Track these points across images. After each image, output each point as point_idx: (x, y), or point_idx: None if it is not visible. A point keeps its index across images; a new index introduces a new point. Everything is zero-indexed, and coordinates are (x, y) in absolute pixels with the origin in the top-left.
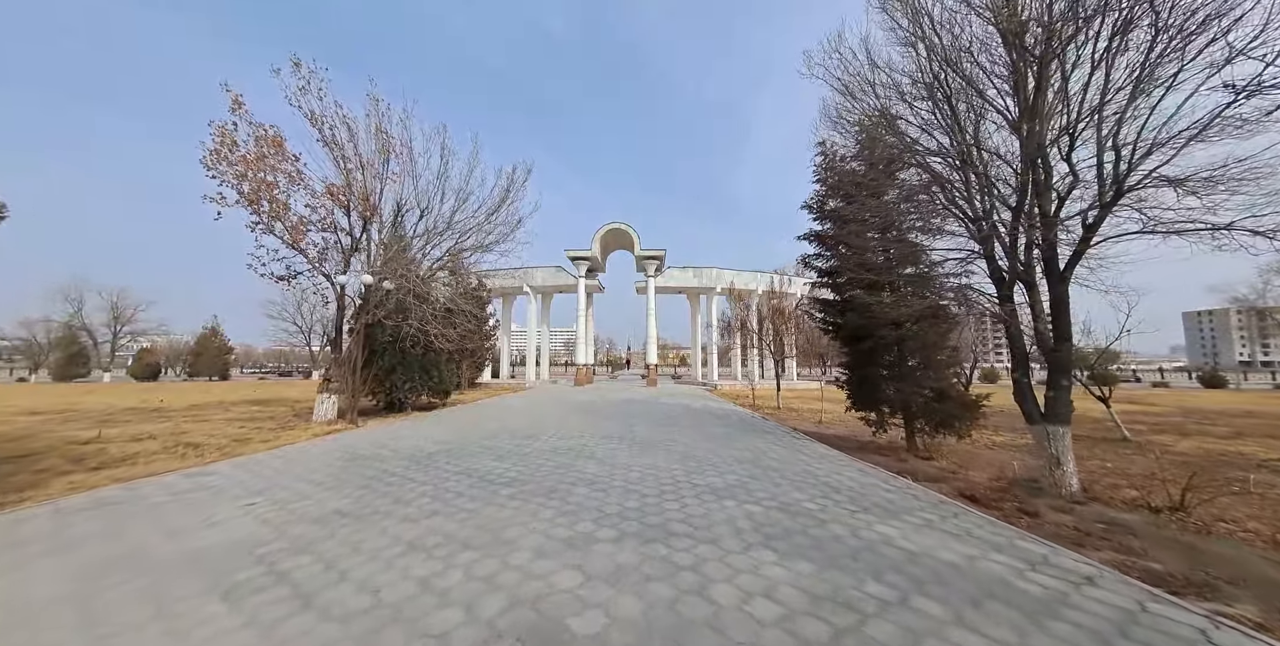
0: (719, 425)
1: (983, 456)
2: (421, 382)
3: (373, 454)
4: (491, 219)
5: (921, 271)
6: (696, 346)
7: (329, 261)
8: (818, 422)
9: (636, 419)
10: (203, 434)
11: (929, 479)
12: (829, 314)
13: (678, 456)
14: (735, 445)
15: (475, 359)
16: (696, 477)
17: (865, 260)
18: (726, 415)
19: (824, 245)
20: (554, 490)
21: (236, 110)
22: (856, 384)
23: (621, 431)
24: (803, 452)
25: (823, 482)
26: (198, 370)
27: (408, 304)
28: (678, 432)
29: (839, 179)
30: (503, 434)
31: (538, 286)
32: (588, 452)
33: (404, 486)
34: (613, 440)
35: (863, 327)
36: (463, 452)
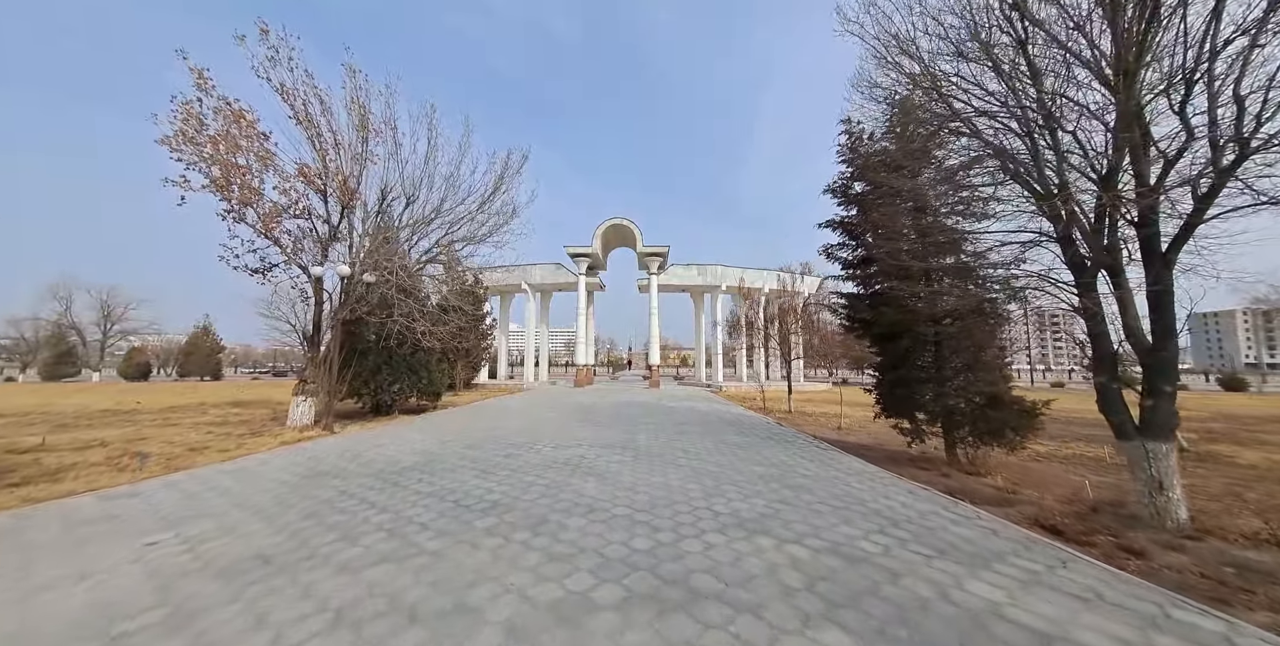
0: (732, 432)
1: (1034, 470)
2: (410, 384)
3: (337, 468)
4: (484, 208)
5: (963, 261)
6: (700, 346)
7: (306, 252)
8: (837, 429)
9: (640, 424)
10: (161, 441)
11: (989, 501)
12: (856, 309)
13: (690, 472)
14: (755, 457)
15: (471, 359)
16: (718, 502)
17: (901, 248)
18: (738, 420)
19: (849, 233)
20: (543, 521)
21: (202, 86)
22: (888, 388)
23: (625, 440)
24: (833, 467)
25: (871, 510)
26: (189, 370)
27: (392, 299)
28: (687, 441)
29: (868, 159)
30: (492, 442)
31: (536, 284)
32: (586, 467)
33: (359, 515)
34: (615, 451)
35: (899, 324)
36: (442, 466)
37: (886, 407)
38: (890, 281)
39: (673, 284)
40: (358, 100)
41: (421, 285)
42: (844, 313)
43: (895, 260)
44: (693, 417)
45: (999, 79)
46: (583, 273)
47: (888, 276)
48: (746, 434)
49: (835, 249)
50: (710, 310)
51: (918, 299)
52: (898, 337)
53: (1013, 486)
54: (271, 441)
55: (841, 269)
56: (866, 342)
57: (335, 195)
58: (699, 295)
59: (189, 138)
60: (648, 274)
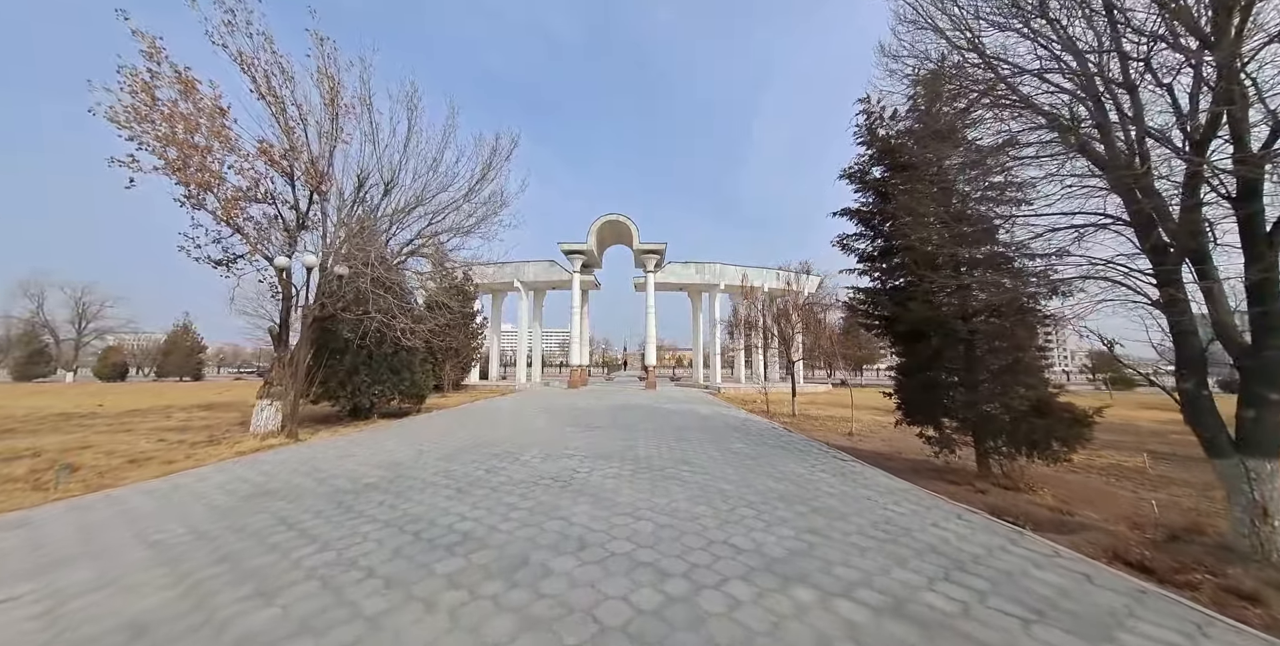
0: (739, 439)
1: (1074, 484)
2: (391, 386)
3: (289, 486)
4: (471, 197)
5: (998, 251)
6: (698, 347)
7: (273, 242)
8: (848, 435)
9: (639, 431)
10: (103, 450)
11: (1045, 525)
12: (876, 305)
13: (698, 490)
14: (769, 471)
15: (460, 359)
16: (735, 532)
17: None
18: (743, 425)
19: (867, 223)
20: (522, 563)
21: (153, 56)
22: (914, 392)
23: (622, 448)
24: (859, 483)
25: (924, 544)
26: (168, 370)
27: (369, 294)
28: (691, 450)
29: (888, 141)
30: (474, 451)
31: (529, 282)
32: (579, 484)
33: (291, 555)
34: (612, 462)
35: (928, 321)
36: (412, 482)
37: (910, 413)
38: (919, 272)
39: (670, 282)
40: (326, 72)
41: (403, 279)
42: (862, 309)
43: (927, 248)
44: (693, 422)
45: (1060, 35)
46: (577, 270)
47: (917, 267)
48: (754, 441)
49: (852, 239)
50: (709, 309)
51: (948, 293)
52: (925, 336)
53: (1060, 505)
54: (226, 451)
55: (858, 261)
56: (886, 342)
57: (303, 178)
58: (697, 294)
59: (141, 115)
60: (644, 272)
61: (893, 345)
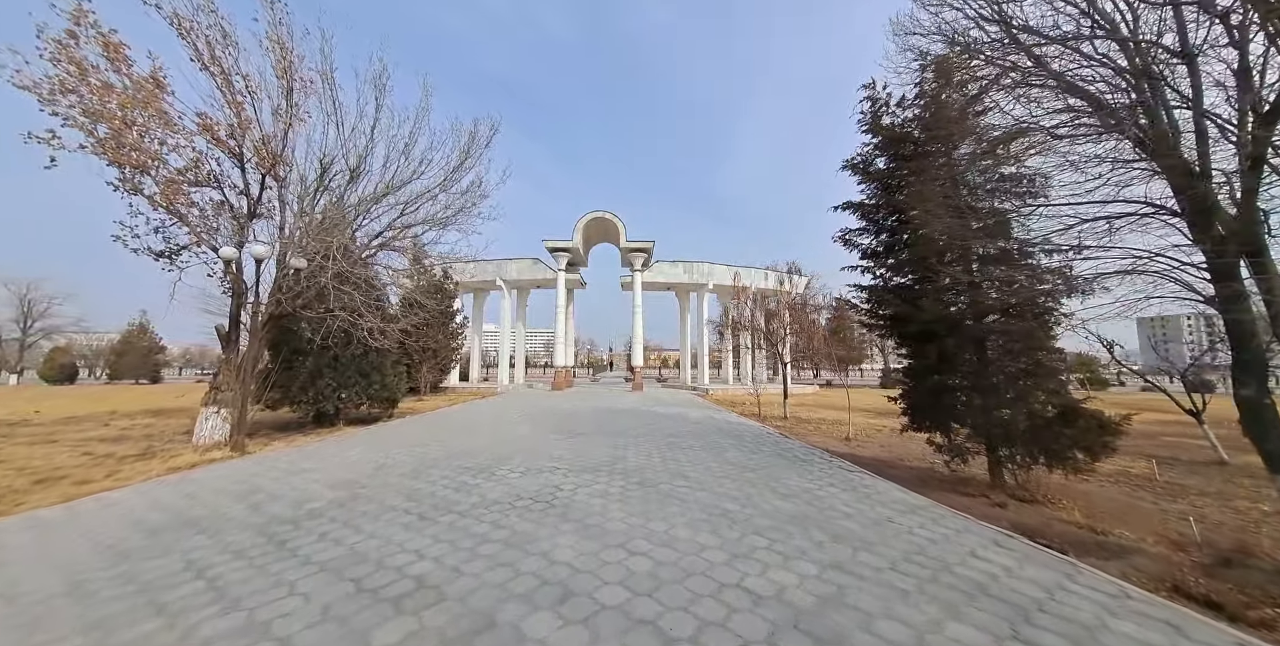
0: (735, 447)
1: (1092, 495)
2: (360, 390)
3: (215, 513)
4: (448, 187)
5: (1012, 246)
6: (685, 348)
7: (221, 231)
8: (846, 440)
9: (628, 437)
10: (15, 466)
11: (1083, 547)
12: (882, 304)
13: (699, 511)
14: (773, 485)
15: (439, 360)
16: (749, 570)
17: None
18: (736, 430)
19: (870, 217)
20: (487, 626)
21: (80, 20)
22: (924, 396)
23: (610, 459)
24: (873, 498)
25: (973, 583)
26: (122, 372)
27: (331, 290)
28: (686, 460)
29: (893, 130)
30: (444, 464)
31: (512, 280)
32: (562, 505)
33: (181, 621)
34: (600, 476)
35: (943, 320)
36: (366, 507)
37: (918, 419)
38: (935, 267)
39: (658, 281)
40: (278, 38)
41: (373, 275)
42: (865, 308)
43: (939, 242)
44: (685, 428)
45: None
46: (562, 268)
47: (929, 262)
48: (751, 449)
49: (854, 234)
50: (697, 309)
51: (958, 292)
52: (935, 337)
53: (1085, 520)
54: (158, 467)
55: (861, 257)
56: (889, 343)
57: (254, 160)
58: (685, 294)
59: (68, 87)
60: (631, 271)
61: (897, 347)
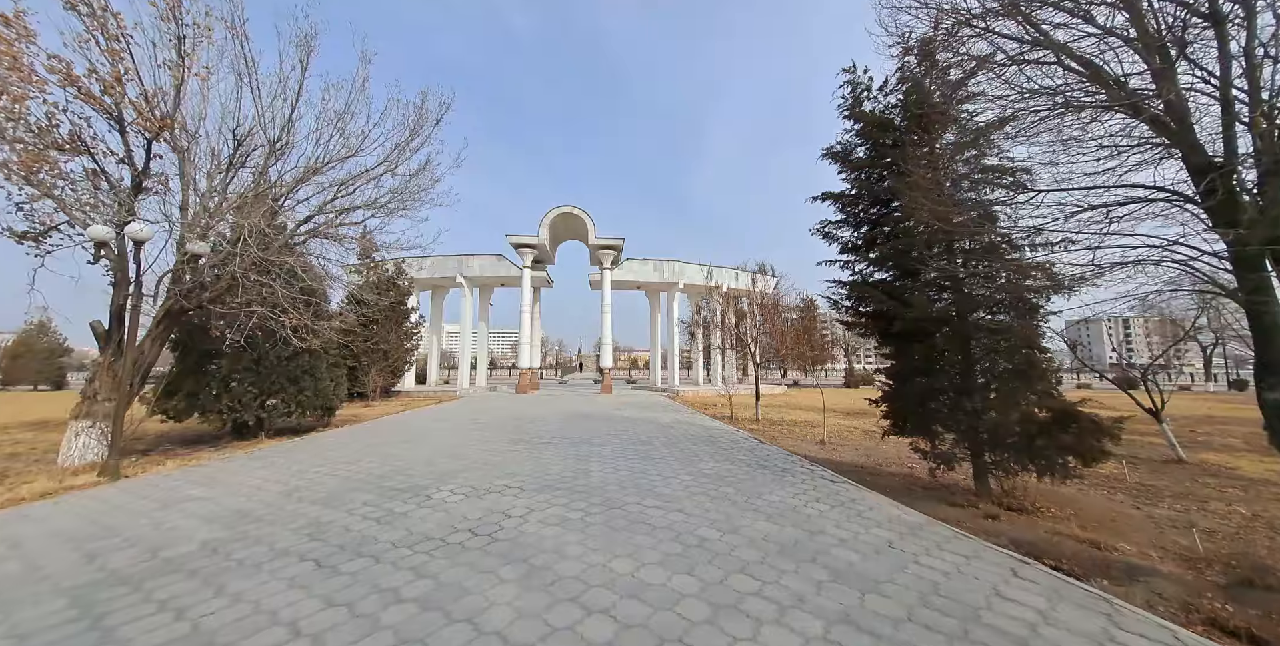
0: (709, 455)
1: (1077, 501)
2: (289, 397)
3: (27, 569)
4: (392, 167)
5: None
6: (655, 348)
7: (102, 209)
8: (821, 443)
9: (593, 446)
10: None
11: (1093, 567)
12: (864, 301)
13: (673, 540)
14: (754, 502)
15: (391, 362)
16: (740, 638)
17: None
18: (710, 436)
19: (851, 208)
20: None
21: None
22: (909, 400)
23: (573, 473)
24: (867, 516)
25: (1010, 636)
26: (16, 377)
27: (251, 281)
28: (656, 473)
29: (872, 116)
30: (372, 486)
31: (474, 277)
32: (508, 539)
33: None
34: (558, 497)
35: (936, 318)
36: (252, 550)
37: (901, 424)
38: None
39: (627, 280)
40: None
41: (306, 266)
42: (845, 305)
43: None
44: (656, 433)
45: None
46: (527, 265)
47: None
48: (726, 456)
49: (834, 227)
50: (667, 309)
51: (942, 288)
52: (923, 336)
53: (1091, 535)
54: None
55: (840, 251)
56: (873, 342)
57: (138, 123)
58: (655, 293)
59: None
60: (600, 269)
61: (879, 346)
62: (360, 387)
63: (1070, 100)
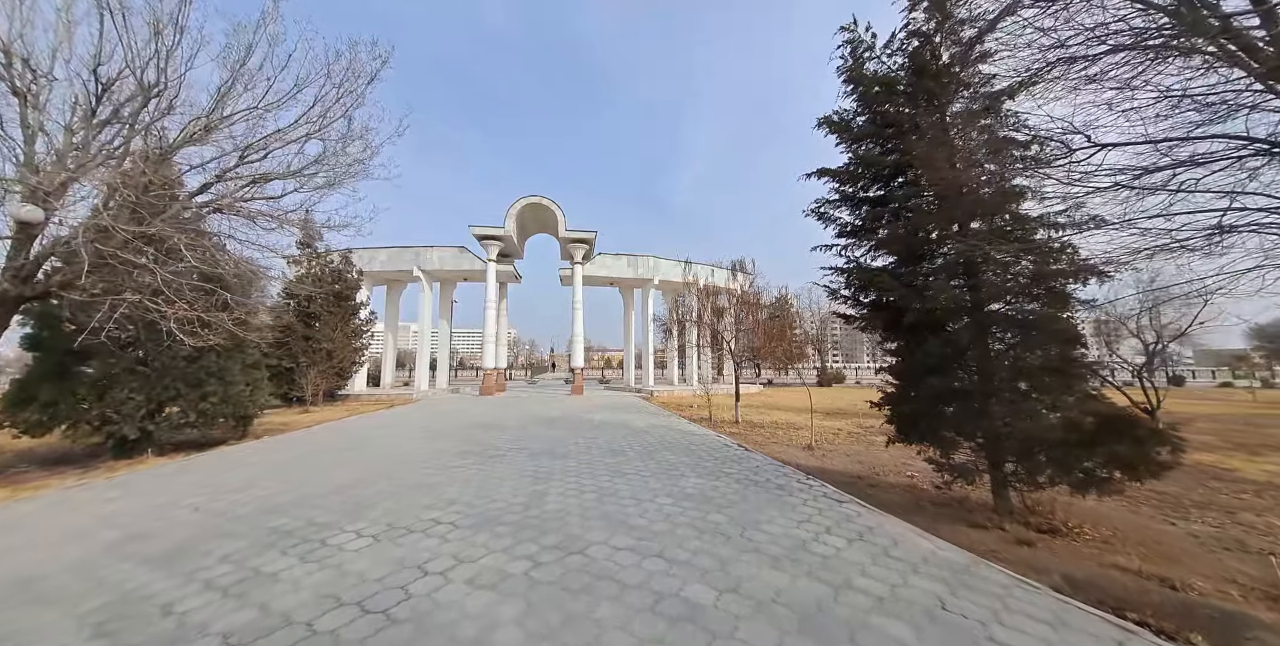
0: (691, 468)
1: (1107, 516)
2: (189, 404)
3: None
4: (322, 131)
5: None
6: (629, 347)
7: None
8: (808, 448)
9: (555, 459)
10: None
11: (1185, 619)
12: (867, 288)
13: (651, 614)
14: (755, 539)
15: (335, 363)
16: None
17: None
18: (689, 442)
19: (850, 185)
20: None
21: None
22: (922, 403)
23: (524, 500)
24: (898, 557)
25: None
26: None
27: (117, 261)
28: (629, 495)
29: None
30: (247, 529)
31: (434, 271)
32: (409, 618)
33: None
34: (499, 538)
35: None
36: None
37: (909, 431)
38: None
39: (600, 276)
40: None
41: (204, 245)
42: (845, 296)
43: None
44: (629, 441)
45: None
46: (492, 259)
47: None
48: (712, 470)
49: (831, 206)
50: (641, 306)
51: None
52: (938, 328)
53: (1153, 568)
54: None
55: (837, 235)
56: (877, 337)
57: None
58: (629, 289)
59: None
60: (571, 263)
61: (882, 341)
62: (298, 391)
63: (1139, 42)
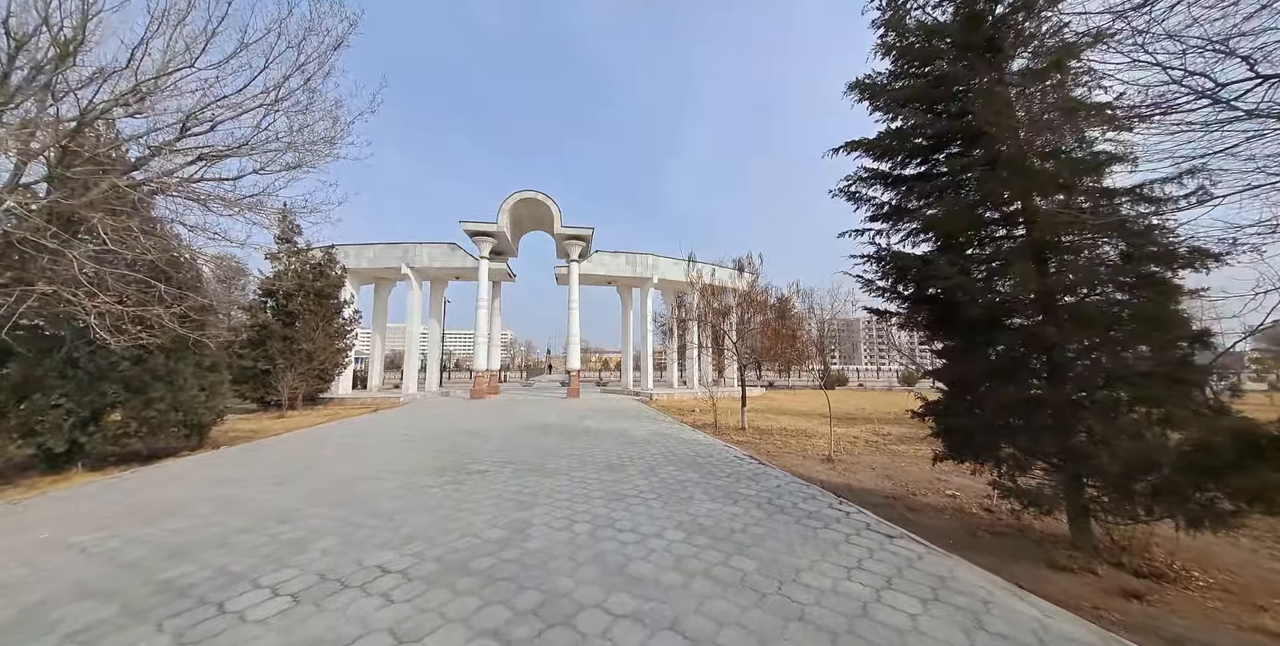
0: (702, 489)
1: (1209, 553)
2: (132, 412)
3: None
4: (267, 98)
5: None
6: (628, 348)
7: None
8: (828, 461)
9: (544, 477)
10: None
11: None
12: (911, 279)
13: None
14: (795, 598)
15: (316, 364)
16: None
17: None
18: (696, 454)
19: (889, 159)
20: None
21: None
22: (987, 414)
23: (502, 533)
24: (995, 630)
25: None
26: None
27: (24, 245)
28: (630, 526)
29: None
30: (120, 585)
31: (423, 268)
32: None
33: None
34: (461, 594)
35: (1051, 295)
36: None
37: (964, 447)
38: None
39: (597, 274)
40: None
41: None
42: (882, 288)
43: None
44: (629, 453)
45: None
46: (485, 256)
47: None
48: (725, 490)
49: (864, 184)
50: (640, 306)
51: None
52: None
53: None
54: None
55: (870, 219)
56: (921, 335)
57: None
58: (627, 289)
59: None
60: (567, 261)
61: (927, 340)
62: (274, 395)
63: None
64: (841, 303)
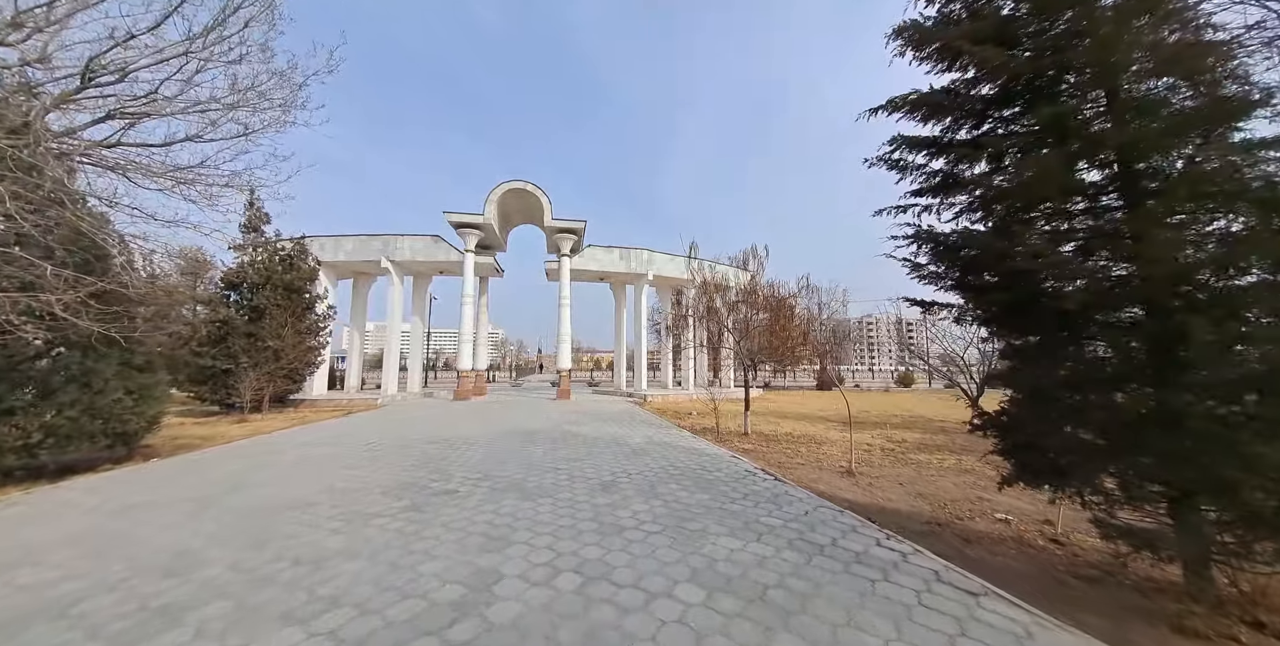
0: (715, 515)
1: None
2: (31, 419)
3: None
4: (195, 45)
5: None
6: (621, 348)
7: None
8: (847, 474)
9: (524, 499)
10: None
11: None
12: (974, 265)
13: None
14: None
15: (284, 364)
16: None
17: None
18: (702, 467)
19: (946, 117)
20: None
21: None
22: (1097, 430)
23: (460, 588)
24: None
25: None
26: None
27: None
28: (629, 577)
29: None
30: None
31: (405, 262)
32: None
33: None
34: None
35: (1186, 279)
36: None
37: (1041, 470)
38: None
39: (589, 269)
40: None
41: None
42: (934, 272)
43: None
44: (625, 467)
45: None
46: (471, 249)
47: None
48: (744, 518)
49: (912, 151)
50: (634, 304)
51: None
52: (1086, 319)
53: None
54: None
55: (915, 193)
56: (981, 331)
57: None
58: (621, 286)
59: None
60: (558, 256)
61: (991, 337)
62: (235, 398)
63: None
64: (840, 302)
